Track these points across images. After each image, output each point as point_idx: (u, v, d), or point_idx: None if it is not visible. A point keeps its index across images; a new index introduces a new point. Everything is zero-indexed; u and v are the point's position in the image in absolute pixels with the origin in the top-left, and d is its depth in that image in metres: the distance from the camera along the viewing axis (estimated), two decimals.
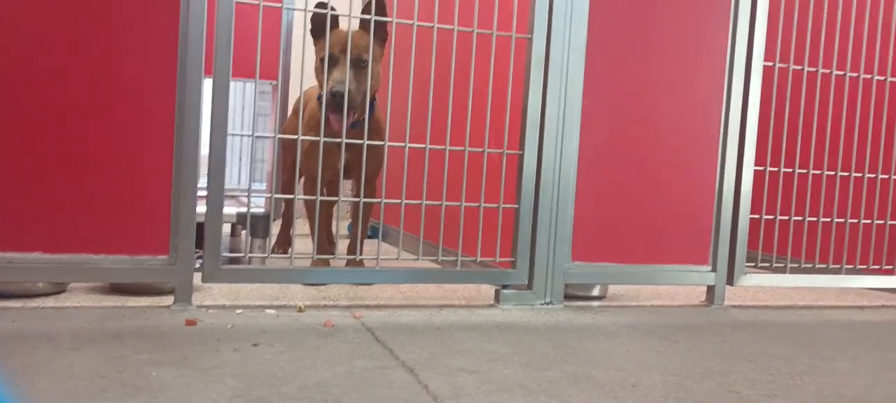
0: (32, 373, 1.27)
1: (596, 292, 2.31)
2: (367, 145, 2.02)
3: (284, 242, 2.86)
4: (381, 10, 2.08)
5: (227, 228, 3.17)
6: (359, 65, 2.10)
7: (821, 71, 2.37)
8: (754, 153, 2.28)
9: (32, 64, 1.71)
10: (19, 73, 1.70)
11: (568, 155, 2.11)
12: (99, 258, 1.77)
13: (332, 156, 2.17)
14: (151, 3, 1.77)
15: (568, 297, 2.17)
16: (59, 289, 1.92)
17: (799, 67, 2.34)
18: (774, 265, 2.36)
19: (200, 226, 1.84)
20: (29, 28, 1.70)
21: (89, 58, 1.74)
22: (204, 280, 1.84)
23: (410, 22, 2.02)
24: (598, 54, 2.13)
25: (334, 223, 2.79)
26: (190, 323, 1.68)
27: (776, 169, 2.34)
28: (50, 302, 1.83)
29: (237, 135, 2.29)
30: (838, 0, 2.41)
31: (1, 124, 1.70)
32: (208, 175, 1.84)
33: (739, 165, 2.28)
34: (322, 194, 2.10)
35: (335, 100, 2.04)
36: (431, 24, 2.02)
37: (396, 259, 2.16)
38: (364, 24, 2.13)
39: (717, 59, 2.25)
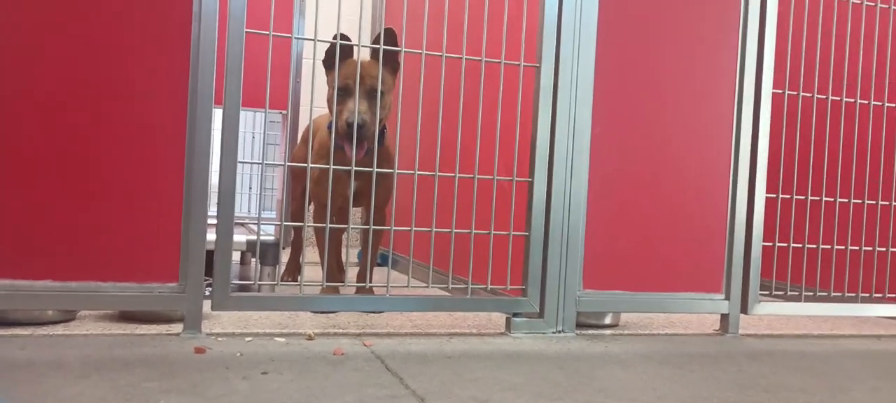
0: (41, 401, 1.26)
1: (608, 320, 2.29)
2: (377, 173, 2.02)
3: (294, 270, 2.85)
4: (392, 40, 2.09)
5: (236, 256, 3.17)
6: (371, 95, 2.11)
7: (831, 98, 2.37)
8: (765, 181, 2.27)
9: (43, 89, 1.72)
10: (29, 101, 1.71)
11: (578, 182, 2.10)
12: (108, 285, 1.77)
13: (342, 184, 2.17)
14: (162, 33, 1.79)
15: (580, 325, 2.15)
16: (68, 317, 1.91)
17: (809, 95, 2.34)
18: (789, 293, 2.34)
19: (210, 254, 1.83)
20: (39, 55, 1.71)
21: (100, 86, 1.75)
22: (213, 307, 1.83)
23: (419, 51, 2.03)
24: (607, 82, 2.13)
25: (344, 251, 2.78)
26: (199, 350, 1.66)
27: (788, 196, 2.32)
28: (59, 329, 1.82)
29: (247, 163, 2.31)
30: (847, 26, 2.41)
31: (11, 152, 1.71)
32: (218, 203, 1.84)
33: (751, 193, 2.26)
34: (332, 222, 2.10)
35: (349, 131, 2.05)
36: (440, 54, 2.03)
37: (406, 286, 2.14)
38: (375, 54, 2.15)
39: (727, 86, 2.25)
